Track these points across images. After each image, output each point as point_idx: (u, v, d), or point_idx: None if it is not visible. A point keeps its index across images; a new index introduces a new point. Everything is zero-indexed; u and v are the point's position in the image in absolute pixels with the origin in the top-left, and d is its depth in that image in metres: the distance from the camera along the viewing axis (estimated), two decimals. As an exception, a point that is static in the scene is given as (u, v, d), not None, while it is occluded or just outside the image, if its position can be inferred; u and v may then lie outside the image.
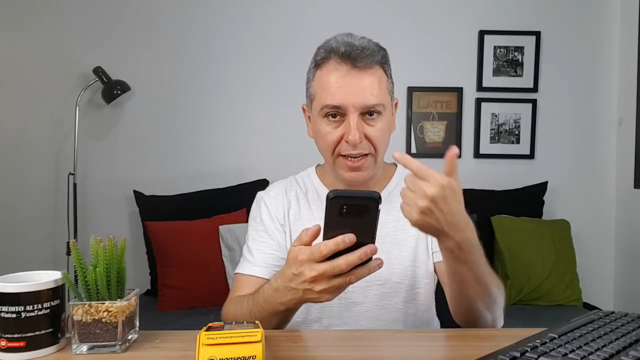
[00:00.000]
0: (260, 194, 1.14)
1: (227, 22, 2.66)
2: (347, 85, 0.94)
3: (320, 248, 0.71)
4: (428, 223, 0.74)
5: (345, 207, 0.67)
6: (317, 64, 0.99)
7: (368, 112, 0.96)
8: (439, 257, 0.99)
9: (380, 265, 0.73)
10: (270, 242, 1.06)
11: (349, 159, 0.97)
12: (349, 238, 0.69)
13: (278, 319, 0.85)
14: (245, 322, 0.70)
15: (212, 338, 0.62)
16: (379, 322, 1.00)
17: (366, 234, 0.70)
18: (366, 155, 0.97)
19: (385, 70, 1.00)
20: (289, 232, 1.07)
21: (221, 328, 0.66)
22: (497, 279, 0.90)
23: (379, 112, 0.97)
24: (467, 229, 0.77)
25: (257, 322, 0.70)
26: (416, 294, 1.03)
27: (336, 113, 0.96)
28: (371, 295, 1.00)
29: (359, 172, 0.98)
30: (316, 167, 1.15)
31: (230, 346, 0.62)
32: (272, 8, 2.67)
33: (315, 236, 0.75)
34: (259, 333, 0.64)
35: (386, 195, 1.07)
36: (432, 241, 1.03)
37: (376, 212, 0.69)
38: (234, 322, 0.70)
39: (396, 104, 1.07)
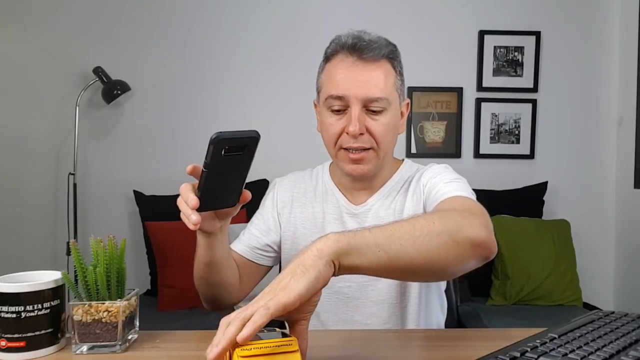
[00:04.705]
0: (276, 179, 1.17)
1: (227, 22, 2.66)
2: (351, 77, 0.94)
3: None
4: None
5: (227, 147, 0.71)
6: (327, 57, 1.00)
7: (372, 107, 0.95)
8: None
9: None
10: (262, 226, 1.09)
11: (350, 151, 0.96)
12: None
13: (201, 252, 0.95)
14: (265, 330, 0.62)
15: (247, 349, 0.56)
16: (375, 318, 1.00)
17: (243, 169, 0.77)
18: (367, 149, 0.96)
19: (393, 66, 0.98)
20: (286, 221, 1.09)
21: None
22: (449, 218, 0.73)
23: (383, 108, 0.95)
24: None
25: (285, 331, 0.64)
26: (411, 290, 1.02)
27: (340, 106, 0.95)
28: (367, 291, 1.00)
29: (360, 165, 0.97)
30: (330, 163, 1.14)
31: (268, 357, 0.56)
32: (272, 8, 2.67)
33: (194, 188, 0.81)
34: (293, 342, 0.59)
35: (387, 190, 1.05)
36: None
37: (254, 150, 0.74)
38: (265, 330, 0.62)
39: (407, 104, 1.05)
